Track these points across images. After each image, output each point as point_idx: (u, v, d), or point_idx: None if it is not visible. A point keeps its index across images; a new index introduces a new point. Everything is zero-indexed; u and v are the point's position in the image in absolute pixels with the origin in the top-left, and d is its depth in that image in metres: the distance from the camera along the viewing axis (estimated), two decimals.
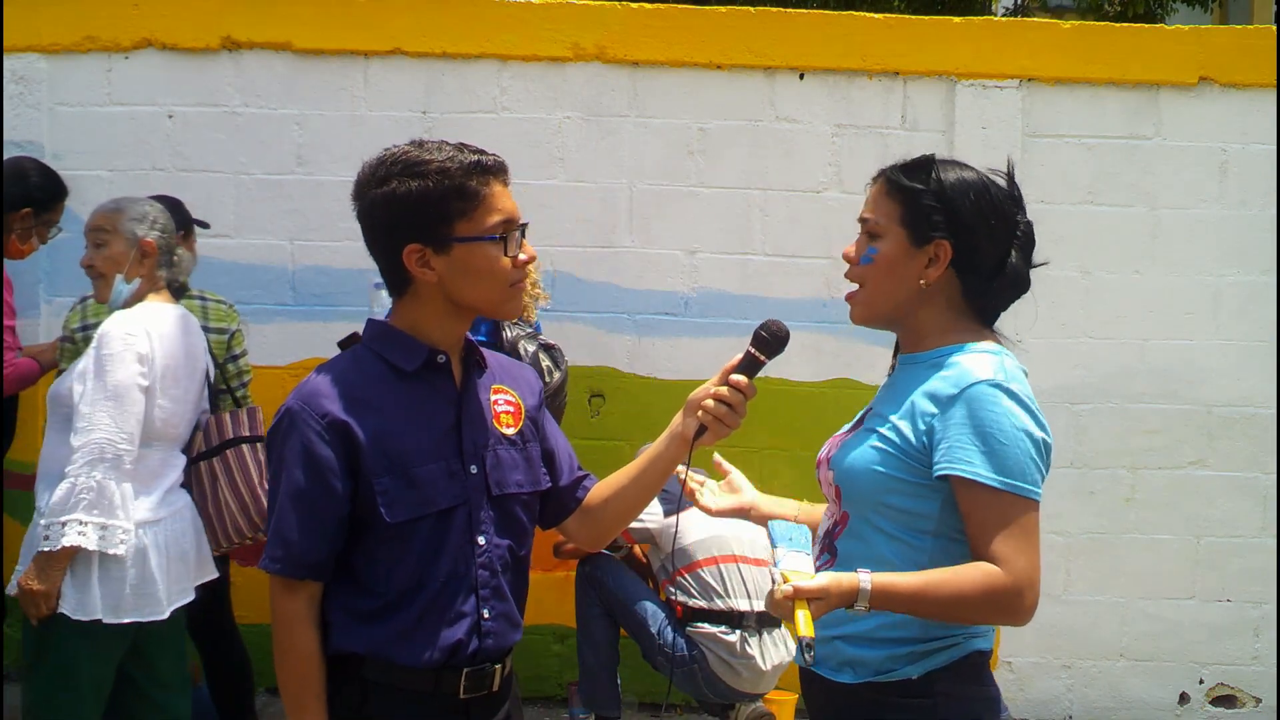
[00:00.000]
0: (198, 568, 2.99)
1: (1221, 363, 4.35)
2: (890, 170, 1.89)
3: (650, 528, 3.60)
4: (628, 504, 1.97)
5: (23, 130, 4.16)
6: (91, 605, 2.71)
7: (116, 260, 2.94)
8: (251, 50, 4.23)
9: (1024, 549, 1.69)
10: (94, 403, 2.70)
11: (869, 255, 1.86)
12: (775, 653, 3.55)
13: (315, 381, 1.80)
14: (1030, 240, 1.87)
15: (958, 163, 1.88)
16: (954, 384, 1.74)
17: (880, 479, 1.78)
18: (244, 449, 3.09)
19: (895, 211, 1.85)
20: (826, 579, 1.68)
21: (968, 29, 4.32)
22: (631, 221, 4.32)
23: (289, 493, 1.76)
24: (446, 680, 1.79)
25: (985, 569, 1.68)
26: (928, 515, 1.76)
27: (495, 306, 1.85)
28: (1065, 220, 4.31)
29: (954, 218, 1.81)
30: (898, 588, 1.69)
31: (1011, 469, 1.70)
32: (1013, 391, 1.73)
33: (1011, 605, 1.69)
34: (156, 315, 2.90)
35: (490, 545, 1.83)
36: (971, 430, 1.71)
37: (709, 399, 1.83)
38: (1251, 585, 4.36)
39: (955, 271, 1.83)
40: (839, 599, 1.67)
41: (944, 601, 1.69)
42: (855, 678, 1.80)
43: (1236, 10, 14.49)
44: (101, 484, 2.66)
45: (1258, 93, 4.31)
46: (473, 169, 1.77)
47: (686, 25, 4.27)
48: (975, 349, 1.80)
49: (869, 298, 1.88)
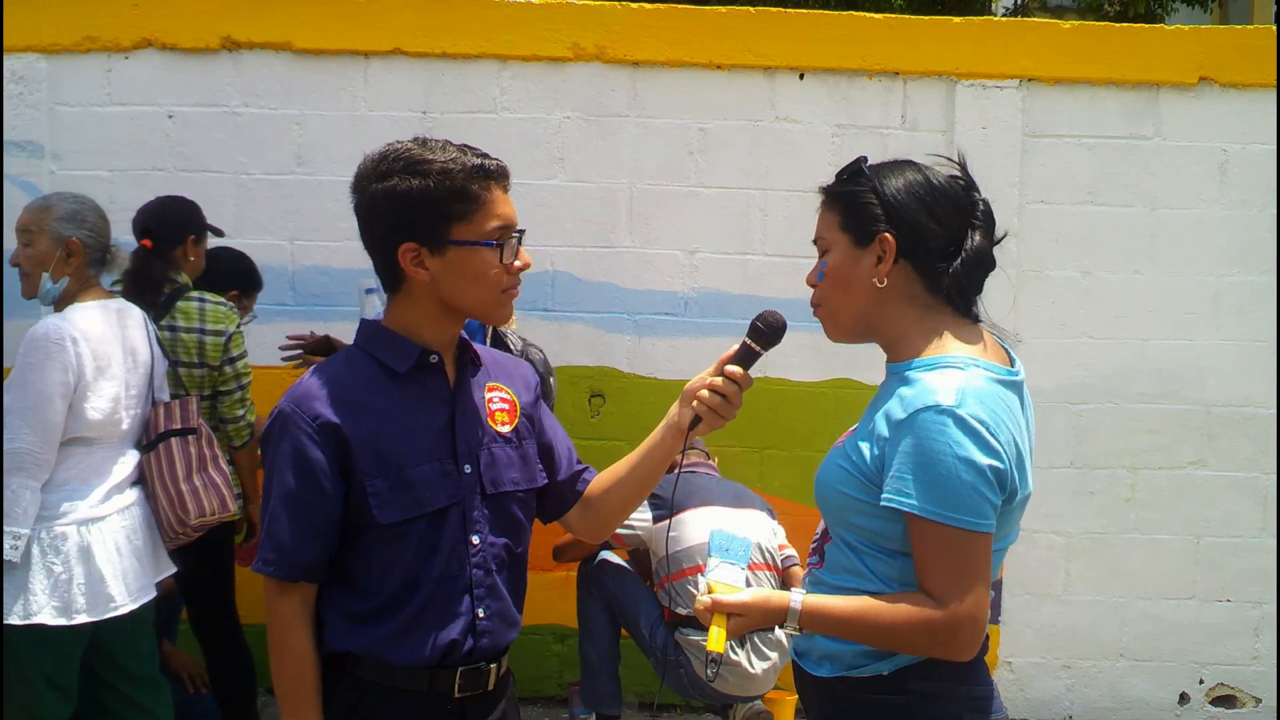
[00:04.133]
0: (155, 564, 2.99)
1: (1221, 363, 4.35)
2: (825, 184, 1.87)
3: (639, 533, 3.60)
4: (627, 495, 1.96)
5: (23, 130, 4.16)
6: (32, 609, 2.73)
7: (41, 259, 2.94)
8: (251, 50, 4.23)
9: (962, 582, 1.64)
10: (16, 411, 2.74)
11: (821, 271, 1.84)
12: (768, 657, 3.54)
13: (307, 384, 1.80)
14: (990, 218, 1.81)
15: (894, 161, 1.85)
16: (906, 407, 1.68)
17: (844, 499, 1.76)
18: (173, 442, 3.06)
19: (834, 219, 1.83)
20: (750, 595, 1.68)
21: (968, 29, 4.32)
22: (631, 221, 4.31)
23: (281, 495, 1.76)
24: (441, 679, 1.79)
25: (918, 603, 1.66)
26: (891, 535, 1.72)
27: (486, 311, 1.85)
28: (1065, 220, 4.32)
29: (891, 208, 1.77)
30: (829, 612, 1.69)
31: (950, 501, 1.64)
32: (960, 417, 1.64)
33: (945, 641, 1.66)
34: (85, 316, 2.89)
35: (485, 544, 1.82)
36: (913, 460, 1.65)
37: (704, 389, 1.82)
38: (1251, 585, 4.36)
39: (910, 264, 1.77)
40: (761, 618, 1.68)
41: (875, 630, 1.68)
42: (832, 671, 1.79)
43: (1236, 10, 14.50)
44: (16, 493, 2.70)
45: (1258, 93, 4.31)
46: (475, 172, 1.76)
47: (686, 25, 4.27)
48: (941, 363, 1.73)
49: (832, 314, 1.85)
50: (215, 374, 3.47)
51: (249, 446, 3.55)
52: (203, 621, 3.62)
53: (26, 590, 2.73)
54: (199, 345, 3.43)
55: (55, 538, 2.78)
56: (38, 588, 2.74)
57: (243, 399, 3.54)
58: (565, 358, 4.28)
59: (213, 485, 3.09)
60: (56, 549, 2.78)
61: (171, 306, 3.43)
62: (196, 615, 3.63)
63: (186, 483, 3.03)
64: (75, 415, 2.81)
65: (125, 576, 2.86)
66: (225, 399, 3.49)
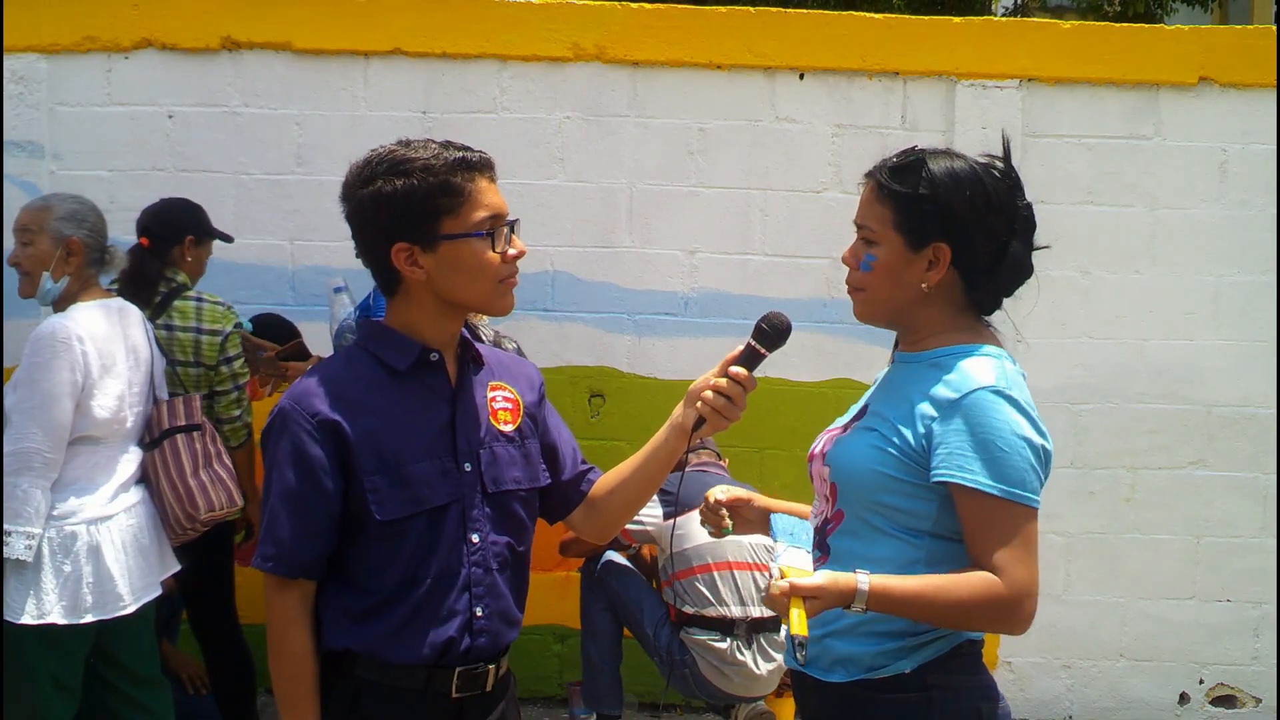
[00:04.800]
0: (160, 562, 3.00)
1: (1221, 363, 4.35)
2: (879, 172, 1.84)
3: (649, 529, 3.60)
4: (631, 496, 1.96)
5: (23, 130, 4.16)
6: (44, 609, 2.73)
7: (41, 259, 2.95)
8: (251, 50, 4.23)
9: (1023, 558, 1.68)
10: (23, 410, 2.75)
11: (867, 263, 1.83)
12: (773, 658, 3.54)
13: (307, 382, 1.80)
14: (1031, 224, 1.83)
15: (948, 154, 1.82)
16: (955, 389, 1.72)
17: (879, 478, 1.77)
18: (179, 439, 3.07)
19: (888, 216, 1.81)
20: (823, 578, 1.67)
21: (968, 29, 4.32)
22: (631, 221, 4.31)
23: (280, 492, 1.76)
24: (438, 679, 1.79)
25: (985, 578, 1.67)
26: (925, 515, 1.75)
27: (486, 303, 1.84)
28: (1065, 220, 4.31)
29: (949, 218, 1.76)
30: (895, 590, 1.68)
31: (1011, 477, 1.68)
32: (1014, 399, 1.71)
33: (1009, 614, 1.69)
34: (88, 315, 2.90)
35: (486, 543, 1.82)
36: (972, 437, 1.69)
37: (708, 390, 1.82)
38: (1251, 585, 4.36)
39: (957, 271, 1.80)
40: (835, 598, 1.67)
41: (941, 607, 1.69)
42: (847, 676, 1.78)
43: (1236, 10, 14.51)
44: (27, 493, 2.70)
45: (1258, 93, 4.31)
46: (457, 165, 1.77)
47: (686, 25, 4.27)
48: (978, 352, 1.78)
49: (871, 300, 1.86)
50: (211, 374, 3.46)
51: (246, 447, 3.55)
52: (202, 621, 3.62)
53: (38, 590, 2.73)
54: (195, 345, 3.43)
55: (65, 537, 2.78)
56: (48, 587, 2.74)
57: (239, 399, 3.53)
58: (565, 358, 4.28)
59: (219, 480, 3.10)
60: (67, 549, 2.78)
61: (169, 306, 3.43)
62: (196, 615, 3.64)
63: (194, 478, 3.03)
64: (82, 414, 2.81)
65: (131, 575, 2.87)
66: (221, 399, 3.49)
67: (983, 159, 1.83)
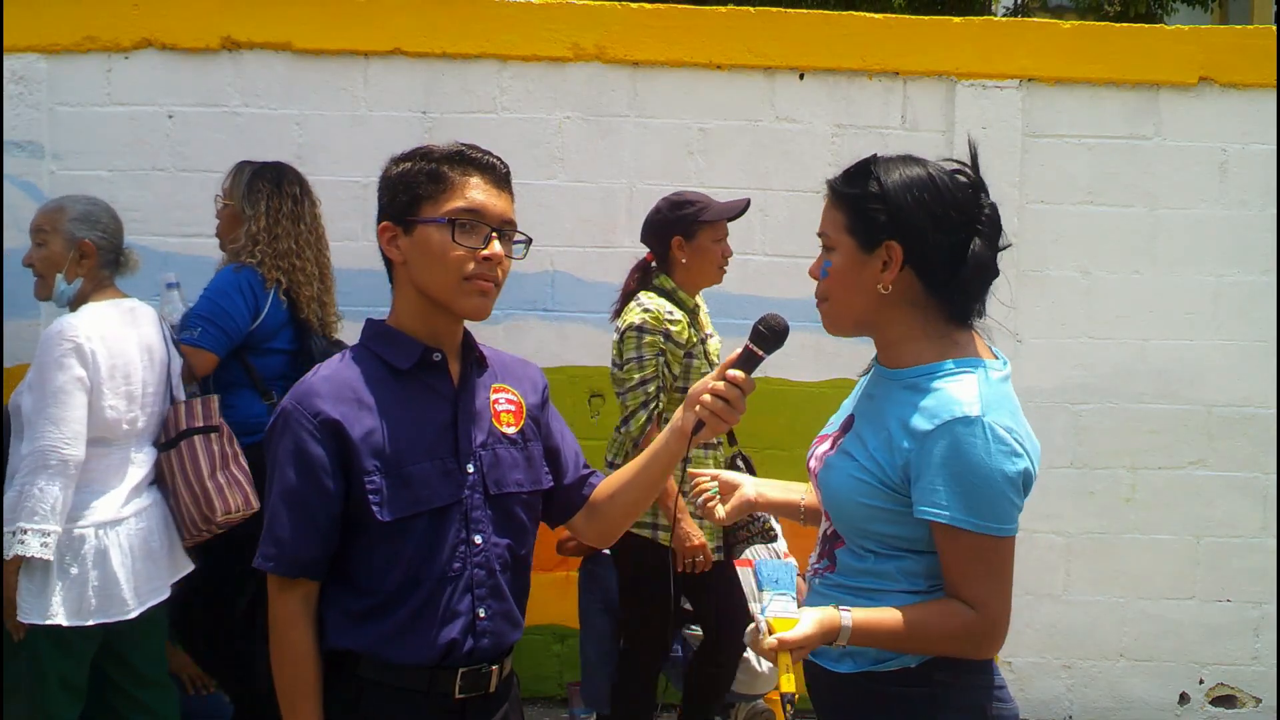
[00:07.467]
0: (170, 565, 2.99)
1: (1221, 363, 4.35)
2: (833, 179, 1.86)
3: None
4: (633, 500, 1.96)
5: (23, 130, 4.16)
6: (51, 609, 2.73)
7: (55, 260, 2.96)
8: (251, 50, 4.23)
9: (996, 589, 1.72)
10: (37, 410, 2.75)
11: (825, 269, 1.85)
12: None
13: (310, 381, 1.80)
14: (996, 224, 1.80)
15: (903, 159, 1.82)
16: (930, 417, 1.70)
17: (864, 509, 1.78)
18: (196, 440, 3.07)
19: (841, 220, 1.82)
20: (811, 626, 1.70)
21: (968, 29, 4.32)
22: (631, 221, 4.30)
23: (282, 492, 1.76)
24: (441, 680, 1.79)
25: (961, 615, 1.71)
26: (916, 538, 1.76)
27: (449, 297, 1.80)
28: (1065, 220, 4.32)
29: (899, 217, 1.75)
30: (875, 627, 1.72)
31: (984, 510, 1.68)
32: (990, 426, 1.68)
33: (983, 645, 1.74)
34: (99, 315, 2.91)
35: (488, 544, 1.82)
36: (945, 470, 1.68)
37: (706, 394, 1.82)
38: (1251, 585, 4.36)
39: (913, 271, 1.78)
40: (821, 640, 1.71)
41: (922, 642, 1.73)
42: (855, 667, 1.80)
43: (1236, 10, 14.50)
44: (44, 490, 2.69)
45: (1258, 93, 4.31)
46: (454, 157, 1.80)
47: (686, 25, 4.27)
48: (953, 373, 1.75)
49: (833, 310, 1.86)
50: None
51: None
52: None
53: (46, 591, 2.73)
54: None
55: (74, 540, 2.78)
56: (55, 588, 2.74)
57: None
58: (565, 358, 4.28)
59: (236, 482, 3.09)
60: (74, 551, 2.78)
61: None
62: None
63: (211, 480, 3.03)
64: (91, 414, 2.81)
65: (137, 580, 2.87)
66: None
67: (944, 161, 1.83)
